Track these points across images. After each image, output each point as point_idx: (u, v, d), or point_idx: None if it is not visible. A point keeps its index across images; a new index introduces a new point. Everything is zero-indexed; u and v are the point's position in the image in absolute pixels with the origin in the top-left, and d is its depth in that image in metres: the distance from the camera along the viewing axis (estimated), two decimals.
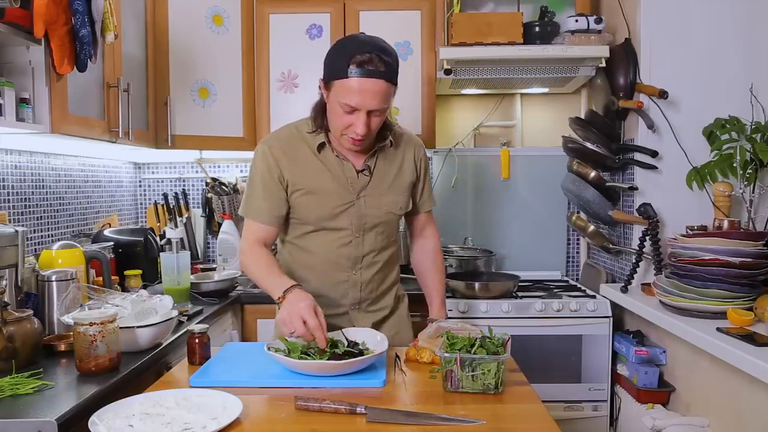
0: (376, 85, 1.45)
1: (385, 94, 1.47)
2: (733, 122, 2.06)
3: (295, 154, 1.63)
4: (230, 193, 3.08)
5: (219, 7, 2.69)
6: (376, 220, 1.67)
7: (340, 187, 1.63)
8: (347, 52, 1.45)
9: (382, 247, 1.72)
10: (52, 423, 1.15)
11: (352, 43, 1.48)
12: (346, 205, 1.64)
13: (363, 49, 1.44)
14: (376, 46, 1.46)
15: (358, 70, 1.43)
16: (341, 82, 1.46)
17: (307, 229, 1.68)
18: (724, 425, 1.79)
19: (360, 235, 1.66)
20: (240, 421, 1.11)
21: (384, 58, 1.45)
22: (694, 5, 2.28)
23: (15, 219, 2.12)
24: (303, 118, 1.70)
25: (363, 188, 1.65)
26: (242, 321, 2.55)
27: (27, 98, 1.71)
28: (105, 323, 1.41)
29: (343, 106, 1.48)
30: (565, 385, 2.40)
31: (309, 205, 1.64)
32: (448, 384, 1.27)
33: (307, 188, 1.62)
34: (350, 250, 1.67)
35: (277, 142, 1.65)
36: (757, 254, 1.82)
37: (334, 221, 1.64)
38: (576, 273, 3.06)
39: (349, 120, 1.50)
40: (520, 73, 2.56)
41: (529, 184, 3.00)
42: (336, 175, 1.63)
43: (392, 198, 1.69)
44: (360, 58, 1.43)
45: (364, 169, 1.65)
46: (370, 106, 1.47)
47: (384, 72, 1.45)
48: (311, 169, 1.63)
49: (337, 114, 1.51)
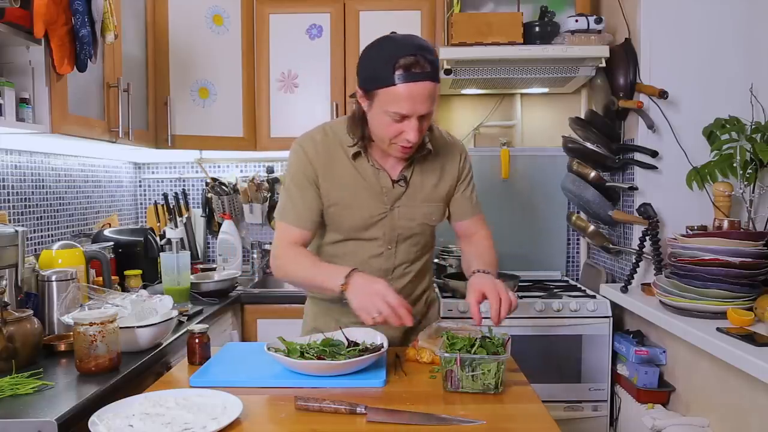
0: (425, 88, 1.35)
1: (433, 96, 1.38)
2: (733, 122, 2.06)
3: (331, 160, 1.54)
4: (230, 193, 3.08)
5: (219, 7, 2.69)
6: (410, 231, 1.59)
7: (373, 198, 1.54)
8: (388, 56, 1.34)
9: (416, 258, 1.63)
10: (52, 423, 1.15)
11: (391, 46, 1.37)
12: (380, 216, 1.55)
13: (405, 51, 1.34)
14: (418, 45, 1.36)
15: (405, 75, 1.33)
16: (387, 91, 1.35)
17: (338, 237, 1.59)
18: (724, 425, 1.79)
19: (392, 246, 1.58)
20: (240, 421, 1.11)
21: (428, 57, 1.35)
22: (694, 5, 2.28)
23: (15, 219, 2.12)
24: (338, 118, 1.62)
25: (397, 199, 1.56)
26: (242, 321, 2.55)
27: (27, 98, 1.71)
28: (105, 323, 1.41)
29: (391, 114, 1.38)
30: (565, 385, 2.40)
31: (341, 216, 1.55)
32: (448, 384, 1.27)
33: (340, 199, 1.54)
34: (381, 262, 1.59)
35: (312, 144, 1.55)
36: (757, 254, 1.82)
37: (366, 232, 1.56)
38: (576, 273, 3.06)
39: (398, 128, 1.40)
40: (520, 73, 2.56)
41: (529, 184, 3.00)
42: (370, 185, 1.54)
43: (427, 209, 1.59)
44: (404, 62, 1.33)
45: (400, 179, 1.55)
46: (421, 111, 1.37)
47: (430, 72, 1.35)
48: (346, 177, 1.54)
49: (383, 124, 1.41)
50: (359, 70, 1.44)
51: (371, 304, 1.32)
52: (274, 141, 2.81)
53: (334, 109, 2.75)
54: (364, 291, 1.34)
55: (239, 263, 2.97)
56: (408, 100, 1.35)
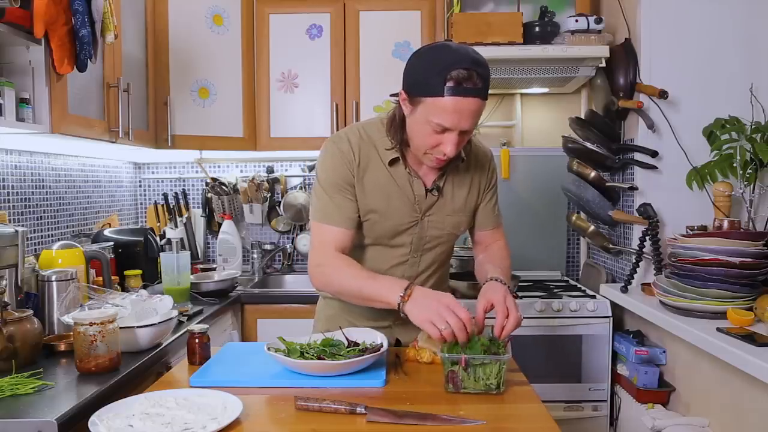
0: (474, 105, 1.30)
1: (479, 113, 1.33)
2: (733, 122, 2.06)
3: (366, 164, 1.49)
4: (230, 193, 3.08)
5: (219, 7, 2.69)
6: (437, 241, 1.56)
7: (406, 206, 1.50)
8: (443, 66, 1.29)
9: (438, 266, 1.62)
10: (52, 423, 1.15)
11: (447, 56, 1.30)
12: (410, 224, 1.52)
13: (461, 64, 1.28)
14: (473, 59, 1.30)
15: (456, 89, 1.28)
16: (434, 101, 1.30)
17: (366, 241, 1.55)
18: (724, 425, 1.79)
19: (418, 255, 1.56)
20: (240, 421, 1.11)
21: (481, 72, 1.29)
22: (694, 5, 2.28)
23: (15, 219, 2.12)
24: (368, 120, 1.57)
25: (429, 208, 1.52)
26: (242, 321, 2.55)
27: (27, 98, 1.71)
28: (105, 323, 1.41)
29: (433, 125, 1.33)
30: (565, 385, 2.40)
31: (375, 222, 1.51)
32: (450, 385, 1.27)
33: (375, 206, 1.50)
34: (405, 269, 1.56)
35: (348, 145, 1.49)
36: (757, 254, 1.82)
37: (394, 239, 1.53)
38: (576, 273, 3.06)
39: (438, 139, 1.36)
40: (520, 73, 2.56)
41: (529, 184, 3.00)
42: (404, 192, 1.50)
43: (456, 219, 1.56)
44: (458, 75, 1.27)
45: (433, 188, 1.51)
46: (465, 127, 1.33)
47: (481, 89, 1.30)
48: (380, 183, 1.49)
49: (424, 133, 1.37)
50: (407, 72, 1.38)
51: (438, 316, 1.28)
52: (274, 141, 2.81)
53: (333, 109, 2.75)
54: (430, 303, 1.31)
55: (239, 263, 2.97)
56: (454, 113, 1.30)
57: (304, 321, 1.91)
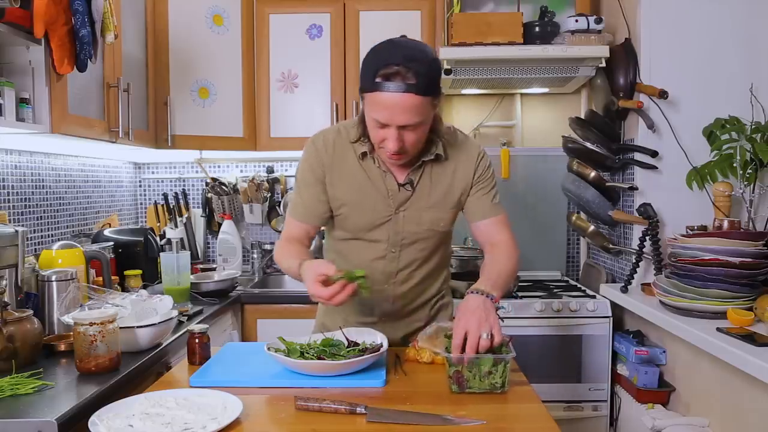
0: (405, 100, 1.31)
1: (417, 108, 1.33)
2: (733, 122, 2.06)
3: (341, 159, 1.54)
4: (230, 193, 3.08)
5: (219, 7, 2.69)
6: (415, 236, 1.57)
7: (379, 200, 1.53)
8: (375, 63, 1.33)
9: (422, 263, 1.61)
10: (52, 423, 1.15)
11: (383, 53, 1.35)
12: (384, 218, 1.54)
13: (391, 60, 1.31)
14: (405, 55, 1.31)
15: (383, 84, 1.31)
16: (371, 96, 1.35)
17: (346, 235, 1.60)
18: (724, 425, 1.79)
19: (396, 250, 1.57)
20: (240, 421, 1.11)
21: (416, 68, 1.30)
22: (694, 5, 2.28)
23: (15, 219, 2.12)
24: (350, 119, 1.62)
25: (403, 203, 1.53)
26: (242, 321, 2.55)
27: (27, 98, 1.71)
28: (105, 323, 1.41)
29: (373, 121, 1.38)
30: (565, 385, 2.40)
31: (348, 216, 1.56)
32: (455, 386, 1.27)
33: (346, 200, 1.54)
34: (384, 264, 1.58)
35: (324, 142, 1.56)
36: (757, 254, 1.82)
37: (371, 233, 1.56)
38: (576, 273, 3.06)
39: (382, 134, 1.39)
40: (520, 73, 2.56)
41: (529, 184, 3.00)
42: (377, 187, 1.53)
43: (435, 215, 1.56)
44: (386, 71, 1.31)
45: (406, 183, 1.53)
46: (400, 122, 1.35)
47: (415, 84, 1.30)
48: (353, 177, 1.54)
49: (371, 127, 1.42)
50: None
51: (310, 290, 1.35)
52: (274, 141, 2.82)
53: (333, 109, 2.76)
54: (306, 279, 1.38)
55: (239, 263, 2.97)
56: (385, 109, 1.34)
57: (304, 321, 1.91)
